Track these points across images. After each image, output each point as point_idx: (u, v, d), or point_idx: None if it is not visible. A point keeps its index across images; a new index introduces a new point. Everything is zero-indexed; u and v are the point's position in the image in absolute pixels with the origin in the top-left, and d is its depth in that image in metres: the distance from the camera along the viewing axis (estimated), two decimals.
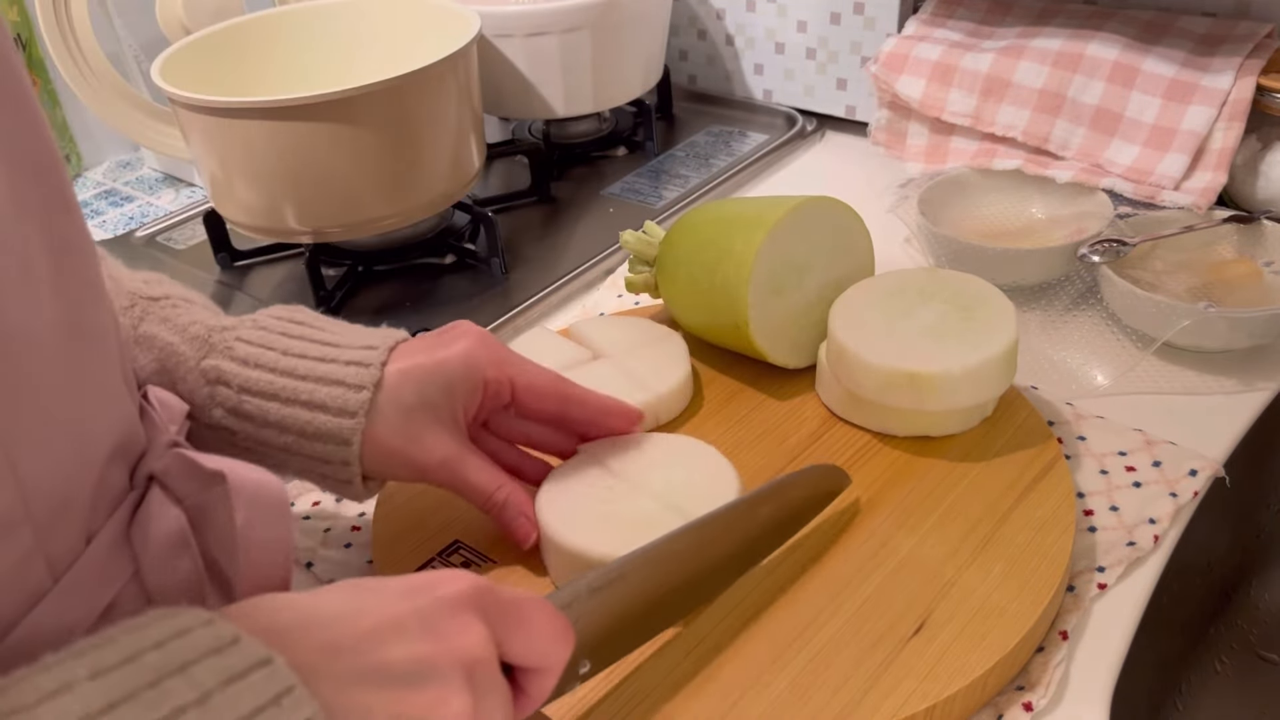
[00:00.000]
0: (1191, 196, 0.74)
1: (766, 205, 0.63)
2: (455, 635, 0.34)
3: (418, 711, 0.32)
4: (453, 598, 0.34)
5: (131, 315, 0.48)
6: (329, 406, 0.47)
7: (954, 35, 0.88)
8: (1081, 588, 0.52)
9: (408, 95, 0.73)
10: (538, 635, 0.37)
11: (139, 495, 0.38)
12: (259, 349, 0.48)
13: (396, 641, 0.32)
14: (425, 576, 0.35)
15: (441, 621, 0.34)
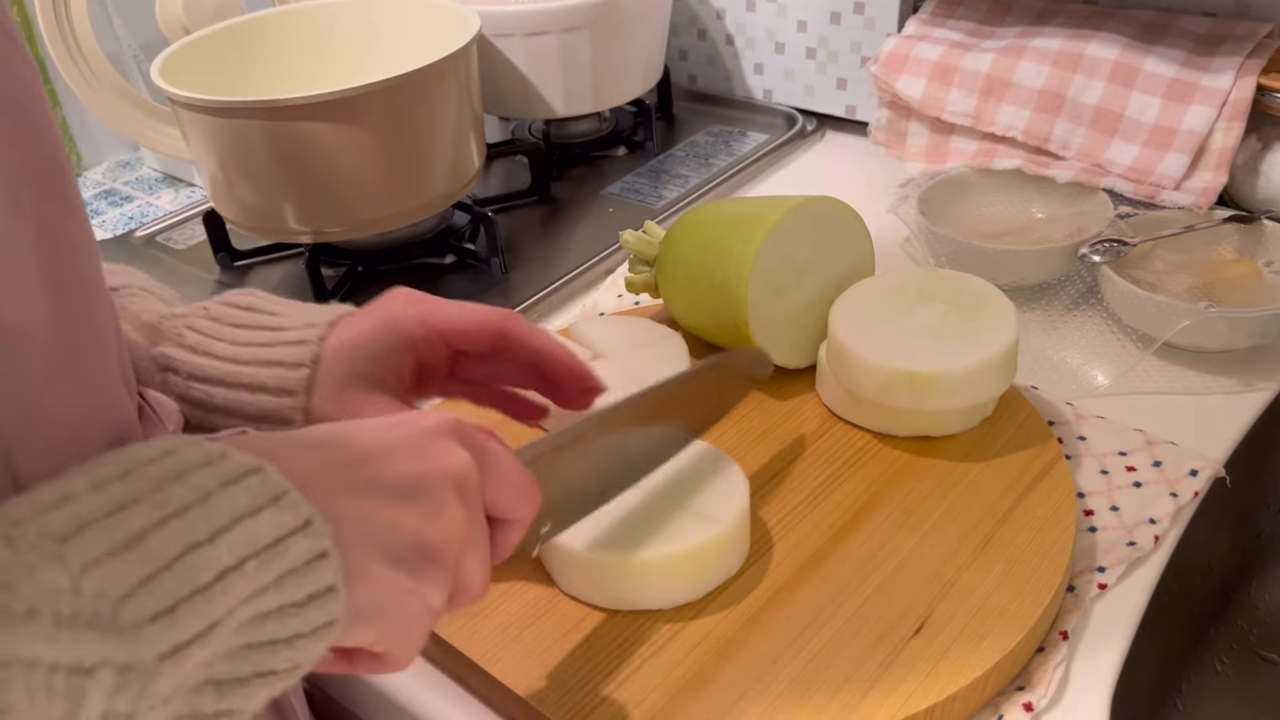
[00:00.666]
0: (1192, 196, 0.74)
1: (766, 205, 0.63)
2: (443, 456, 0.35)
3: (414, 520, 0.33)
4: (435, 427, 0.36)
5: None
6: (269, 387, 0.47)
7: (954, 35, 0.88)
8: (1082, 588, 0.52)
9: (408, 95, 0.73)
10: (508, 485, 0.38)
11: None
12: (207, 338, 0.49)
13: (387, 461, 0.34)
14: (405, 414, 0.37)
15: (428, 445, 0.35)
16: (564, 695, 0.46)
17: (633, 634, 0.48)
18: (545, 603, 0.50)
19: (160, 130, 0.95)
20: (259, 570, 0.28)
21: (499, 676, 0.47)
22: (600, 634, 0.48)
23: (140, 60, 1.03)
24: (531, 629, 0.49)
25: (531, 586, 0.51)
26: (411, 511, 0.33)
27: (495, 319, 0.49)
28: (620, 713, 0.45)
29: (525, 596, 0.51)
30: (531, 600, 0.51)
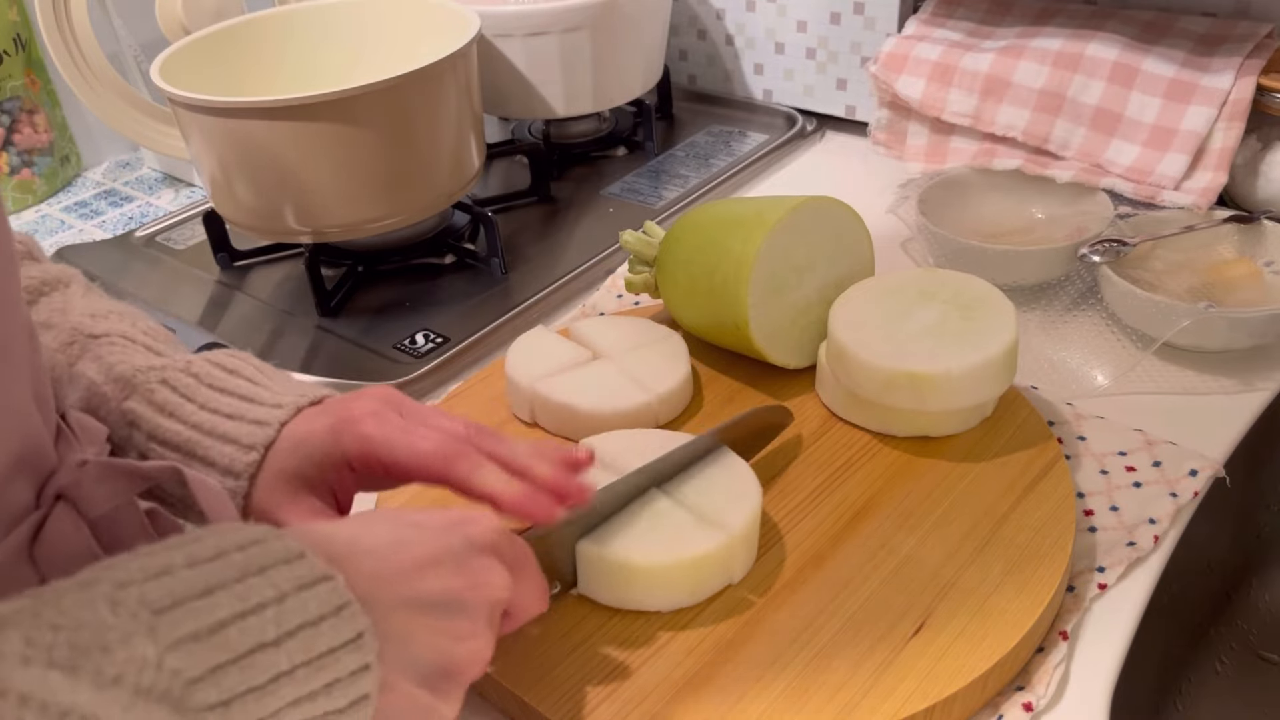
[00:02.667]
0: (1191, 196, 0.74)
1: (766, 205, 0.63)
2: (482, 575, 0.38)
3: (446, 643, 0.36)
4: (480, 540, 0.39)
5: (69, 353, 0.48)
6: (218, 464, 0.46)
7: (954, 35, 0.88)
8: (1081, 588, 0.52)
9: (408, 95, 0.73)
10: (530, 591, 0.41)
11: (43, 514, 0.37)
12: (178, 398, 0.47)
13: (434, 575, 0.36)
14: (457, 514, 0.39)
15: (472, 561, 0.38)
16: (564, 695, 0.46)
17: (632, 634, 0.48)
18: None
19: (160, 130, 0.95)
20: (308, 678, 0.31)
21: (499, 677, 0.47)
22: (600, 634, 0.48)
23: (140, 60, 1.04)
24: (532, 629, 0.49)
25: None
26: (446, 632, 0.36)
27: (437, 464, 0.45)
28: (620, 713, 0.45)
29: None
30: None
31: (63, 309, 0.50)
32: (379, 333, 0.76)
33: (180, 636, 0.28)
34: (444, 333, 0.75)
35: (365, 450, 0.46)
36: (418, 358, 0.73)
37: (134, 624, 0.27)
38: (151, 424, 0.47)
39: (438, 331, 0.76)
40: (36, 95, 1.06)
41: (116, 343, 0.49)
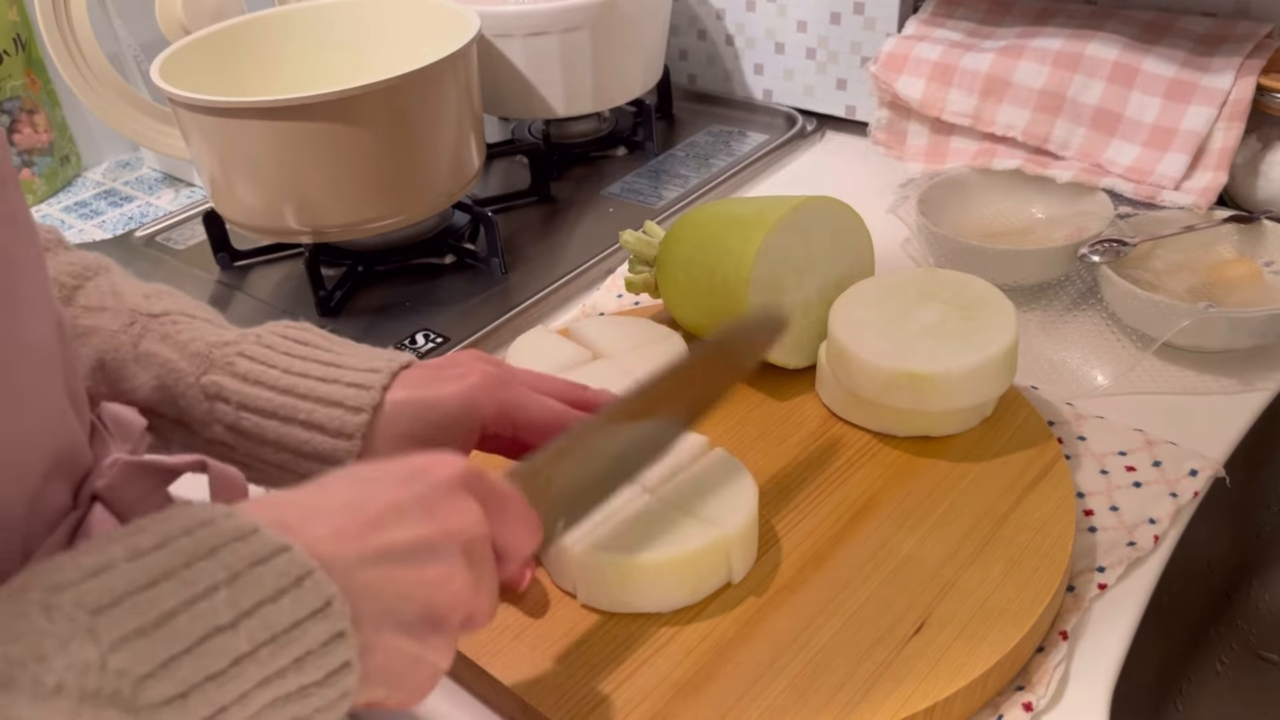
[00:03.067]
0: (1191, 196, 0.74)
1: (766, 205, 0.63)
2: (453, 516, 0.36)
3: (423, 590, 0.34)
4: (448, 480, 0.36)
5: (131, 333, 0.48)
6: (326, 428, 0.46)
7: (954, 35, 0.88)
8: (1081, 588, 0.52)
9: (408, 95, 0.73)
10: (514, 526, 0.39)
11: (81, 515, 0.37)
12: (260, 366, 0.48)
13: (399, 525, 0.34)
14: (419, 461, 0.37)
15: (439, 503, 0.36)
16: (564, 695, 0.46)
17: (632, 634, 0.48)
18: (545, 603, 0.50)
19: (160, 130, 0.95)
20: (274, 655, 0.29)
21: (499, 676, 0.47)
22: (600, 634, 0.48)
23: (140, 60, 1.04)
24: (531, 629, 0.49)
25: (532, 587, 0.51)
26: (421, 579, 0.34)
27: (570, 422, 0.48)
28: (620, 713, 0.45)
29: (525, 597, 0.51)
30: (531, 600, 0.51)
31: (114, 291, 0.49)
32: (379, 333, 0.76)
33: (124, 634, 0.27)
34: (444, 333, 0.75)
35: (503, 414, 0.48)
36: (418, 357, 0.73)
37: (71, 627, 0.26)
38: (240, 395, 0.47)
39: (438, 331, 0.76)
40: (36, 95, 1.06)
41: (179, 320, 0.49)
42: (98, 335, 0.47)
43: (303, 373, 0.48)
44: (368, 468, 0.37)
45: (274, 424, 0.47)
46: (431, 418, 0.47)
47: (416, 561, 0.34)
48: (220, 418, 0.47)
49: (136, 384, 0.47)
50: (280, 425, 0.47)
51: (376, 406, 0.47)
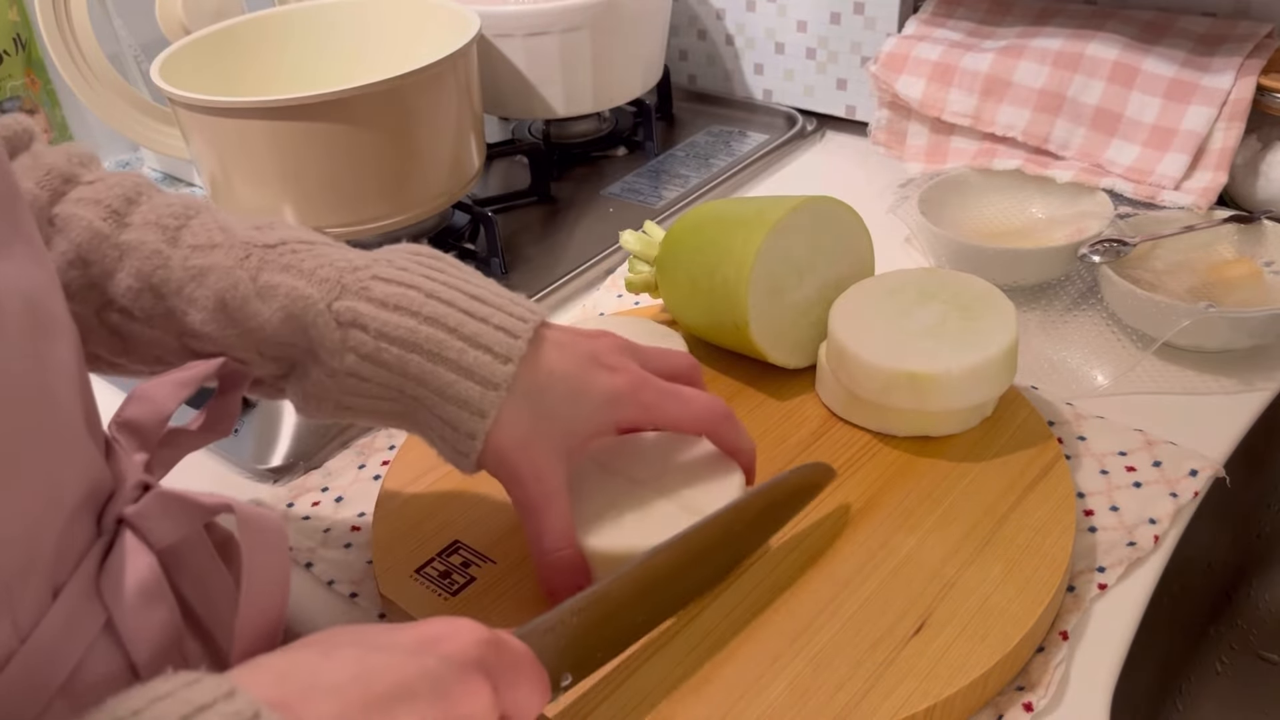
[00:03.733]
0: (1191, 196, 0.74)
1: (767, 205, 0.63)
2: (464, 699, 0.33)
3: None
4: (460, 657, 0.34)
5: (248, 266, 0.45)
6: (475, 373, 0.44)
7: (954, 35, 0.88)
8: (1082, 588, 0.52)
9: (408, 95, 0.73)
10: (525, 693, 0.36)
11: (107, 541, 0.36)
12: (400, 288, 0.44)
13: (405, 710, 0.31)
14: (433, 629, 0.34)
15: (452, 684, 0.33)
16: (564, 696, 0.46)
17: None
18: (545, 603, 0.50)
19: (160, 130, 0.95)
20: None
21: None
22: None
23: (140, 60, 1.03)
24: None
25: (531, 588, 0.51)
26: None
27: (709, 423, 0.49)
28: (620, 713, 0.45)
29: (525, 597, 0.51)
30: (531, 600, 0.51)
31: (221, 227, 0.46)
32: None
33: None
34: None
35: (644, 420, 0.48)
36: None
37: None
38: (379, 322, 0.44)
39: None
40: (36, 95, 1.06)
41: (299, 248, 0.46)
42: (213, 274, 0.45)
43: (448, 300, 0.45)
44: (376, 631, 0.34)
45: (417, 359, 0.44)
46: (581, 402, 0.46)
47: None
48: (355, 347, 0.44)
49: (262, 319, 0.44)
50: (425, 362, 0.44)
51: (526, 358, 0.45)
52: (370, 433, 0.68)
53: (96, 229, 0.44)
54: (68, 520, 0.34)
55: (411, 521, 0.56)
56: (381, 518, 0.57)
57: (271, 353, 0.46)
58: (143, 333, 0.46)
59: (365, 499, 0.62)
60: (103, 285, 0.45)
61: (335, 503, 0.62)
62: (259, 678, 0.30)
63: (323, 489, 0.63)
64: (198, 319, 0.45)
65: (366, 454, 0.66)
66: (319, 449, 0.66)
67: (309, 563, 0.58)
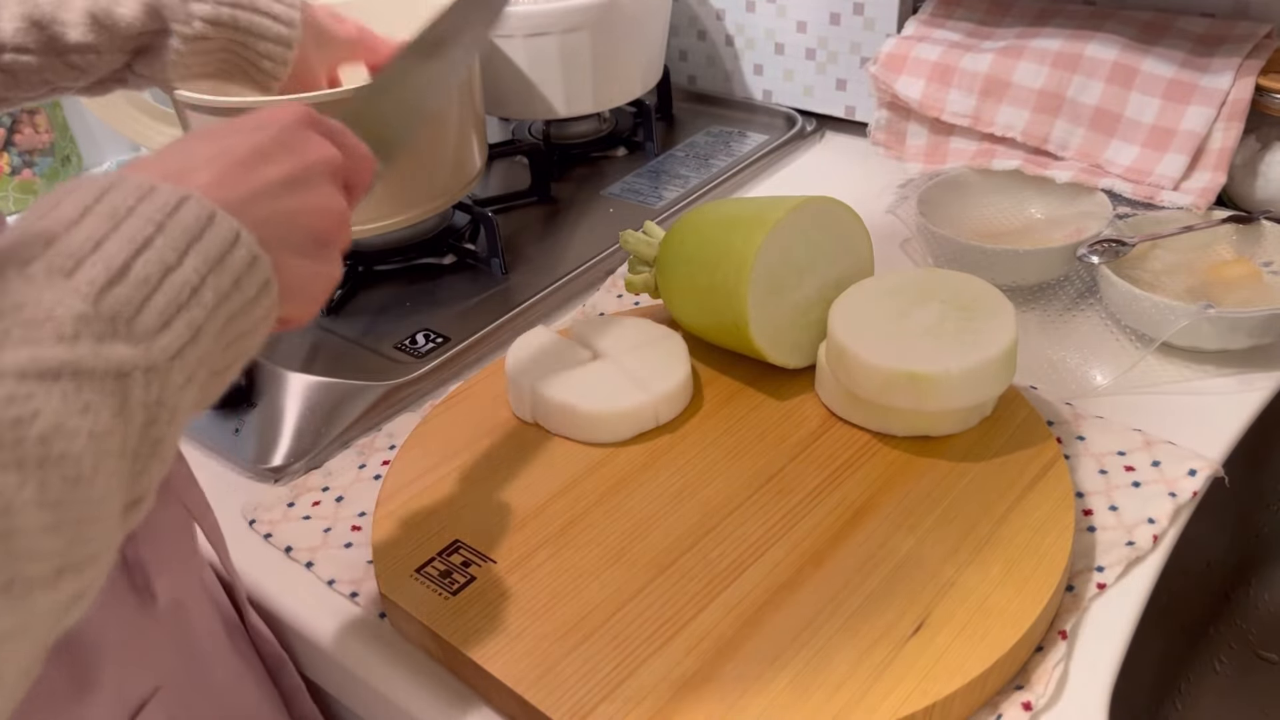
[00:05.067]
0: (1190, 196, 0.74)
1: (767, 205, 0.63)
2: (310, 149, 0.41)
3: (306, 216, 0.40)
4: (294, 121, 0.41)
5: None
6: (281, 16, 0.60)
7: (953, 35, 0.89)
8: (1081, 587, 0.52)
9: None
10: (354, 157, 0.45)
11: None
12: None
13: (268, 164, 0.39)
14: (262, 113, 0.41)
15: (295, 141, 0.41)
16: (564, 695, 0.46)
17: (632, 633, 0.48)
18: (545, 603, 0.51)
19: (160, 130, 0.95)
20: (216, 280, 0.34)
21: (499, 676, 0.47)
22: (600, 634, 0.49)
23: None
24: (531, 629, 0.49)
25: (531, 587, 0.52)
26: (302, 207, 0.39)
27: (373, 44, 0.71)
28: (620, 712, 0.45)
29: (524, 596, 0.51)
30: (531, 600, 0.51)
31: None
32: (379, 333, 0.76)
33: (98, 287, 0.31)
34: (444, 333, 0.75)
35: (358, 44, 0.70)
36: (418, 357, 0.73)
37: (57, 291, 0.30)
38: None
39: (438, 331, 0.76)
40: None
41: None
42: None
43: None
44: (216, 126, 0.40)
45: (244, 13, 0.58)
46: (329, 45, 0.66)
47: (293, 193, 0.39)
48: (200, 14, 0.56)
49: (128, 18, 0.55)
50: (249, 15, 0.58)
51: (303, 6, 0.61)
52: (370, 433, 0.68)
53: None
54: None
55: (411, 521, 0.56)
56: (381, 517, 0.57)
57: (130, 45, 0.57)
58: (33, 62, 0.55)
59: (365, 499, 0.62)
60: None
61: (335, 502, 0.62)
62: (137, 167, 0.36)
63: (323, 489, 0.63)
64: (76, 34, 0.55)
65: (366, 454, 0.66)
66: (319, 449, 0.66)
67: (309, 562, 0.58)
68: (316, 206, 0.40)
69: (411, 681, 0.51)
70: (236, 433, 0.67)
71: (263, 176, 0.38)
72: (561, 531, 0.55)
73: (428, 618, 0.50)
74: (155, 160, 0.37)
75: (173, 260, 0.33)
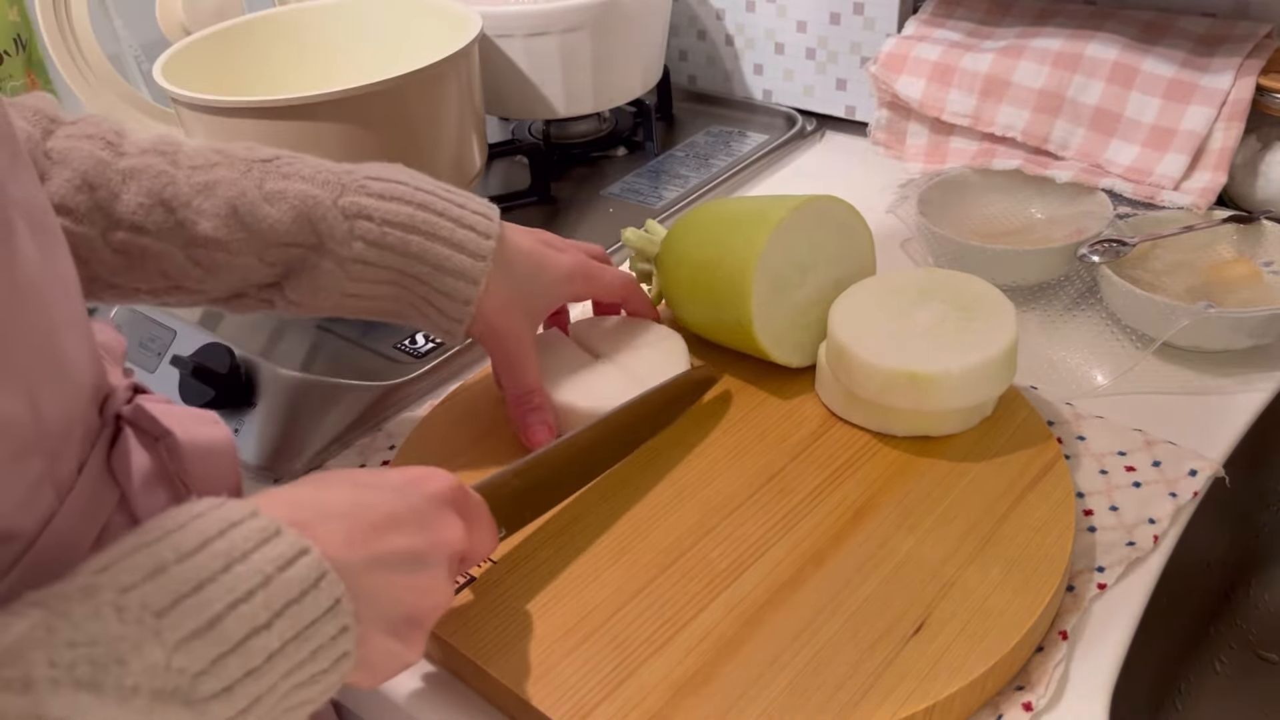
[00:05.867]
0: (1191, 196, 0.74)
1: (771, 203, 0.63)
2: (442, 530, 0.41)
3: (412, 596, 0.39)
4: (437, 495, 0.41)
5: (252, 177, 0.51)
6: (466, 247, 0.53)
7: (954, 35, 0.88)
8: (1081, 588, 0.52)
9: (409, 95, 0.73)
10: (484, 538, 0.45)
11: (112, 432, 0.40)
12: (390, 184, 0.53)
13: (397, 534, 0.38)
14: (412, 473, 0.42)
15: (431, 517, 0.40)
16: (564, 695, 0.46)
17: (632, 634, 0.48)
18: (545, 603, 0.51)
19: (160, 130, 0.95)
20: (297, 649, 0.33)
21: (499, 676, 0.47)
22: (600, 634, 0.49)
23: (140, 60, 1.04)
24: (531, 629, 0.49)
25: (531, 587, 0.52)
26: (411, 586, 0.39)
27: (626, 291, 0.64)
28: (620, 713, 0.45)
29: (525, 596, 0.51)
30: (531, 600, 0.51)
31: (216, 149, 0.53)
32: (379, 332, 0.76)
33: (183, 636, 0.30)
34: None
35: (590, 293, 0.62)
36: (418, 358, 0.73)
37: (141, 631, 0.29)
38: (382, 211, 0.52)
39: None
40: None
41: (293, 161, 0.53)
42: (221, 185, 0.51)
43: (431, 190, 0.54)
44: (364, 474, 0.41)
45: (418, 239, 0.52)
46: (542, 277, 0.57)
47: (409, 569, 0.38)
48: (363, 235, 0.52)
49: (273, 220, 0.51)
50: (424, 240, 0.52)
51: (500, 238, 0.55)
52: (370, 432, 0.68)
53: (99, 157, 0.49)
54: (86, 402, 0.39)
55: None
56: None
57: (273, 256, 0.52)
58: (150, 246, 0.50)
59: None
60: (109, 207, 0.50)
61: None
62: (273, 503, 0.35)
63: None
64: (208, 227, 0.50)
65: (366, 454, 0.66)
66: (319, 449, 0.66)
67: None
68: (425, 587, 0.39)
69: (412, 682, 0.51)
70: (236, 433, 0.67)
71: (387, 546, 0.37)
72: (561, 531, 0.55)
73: None
74: (291, 496, 0.37)
75: (263, 620, 0.32)
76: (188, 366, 0.67)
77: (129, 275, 0.51)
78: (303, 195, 0.51)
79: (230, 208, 0.50)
